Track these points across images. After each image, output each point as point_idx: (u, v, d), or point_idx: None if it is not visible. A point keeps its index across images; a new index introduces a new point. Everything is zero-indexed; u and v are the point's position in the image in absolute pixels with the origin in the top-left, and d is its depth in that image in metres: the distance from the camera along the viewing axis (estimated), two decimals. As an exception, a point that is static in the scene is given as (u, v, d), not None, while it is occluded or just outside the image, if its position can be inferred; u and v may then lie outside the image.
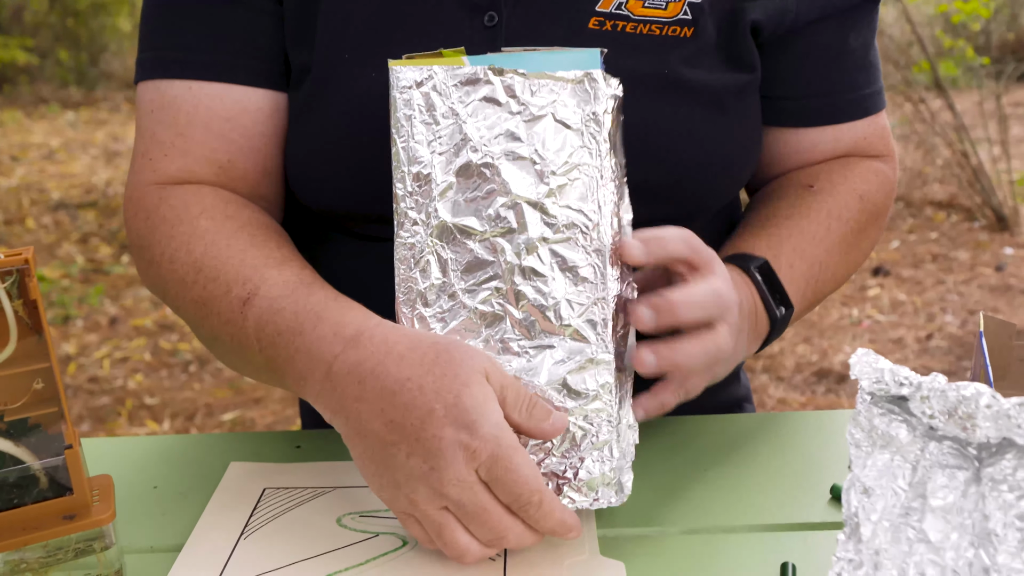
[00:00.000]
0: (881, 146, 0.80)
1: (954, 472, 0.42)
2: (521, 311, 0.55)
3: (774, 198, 0.76)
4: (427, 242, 0.56)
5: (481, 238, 0.55)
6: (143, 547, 0.58)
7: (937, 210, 3.85)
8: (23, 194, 4.39)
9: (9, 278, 0.49)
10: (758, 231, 0.72)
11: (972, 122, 4.02)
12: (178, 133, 0.70)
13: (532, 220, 0.55)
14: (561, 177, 0.55)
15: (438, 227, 0.56)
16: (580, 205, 0.55)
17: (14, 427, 0.51)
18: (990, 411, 0.41)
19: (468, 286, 0.56)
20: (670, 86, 0.68)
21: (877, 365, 0.44)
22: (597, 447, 0.54)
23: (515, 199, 0.55)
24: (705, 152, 0.70)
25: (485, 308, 0.55)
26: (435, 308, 0.56)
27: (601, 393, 0.54)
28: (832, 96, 0.76)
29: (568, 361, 0.55)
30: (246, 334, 0.60)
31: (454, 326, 0.56)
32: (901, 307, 2.99)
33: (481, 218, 0.55)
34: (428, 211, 0.56)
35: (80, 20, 6.81)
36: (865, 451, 0.44)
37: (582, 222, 0.54)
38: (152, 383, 2.65)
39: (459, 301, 0.56)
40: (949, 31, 4.34)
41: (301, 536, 0.58)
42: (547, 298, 0.55)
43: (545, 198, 0.55)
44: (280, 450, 0.69)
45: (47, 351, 0.51)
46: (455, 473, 0.50)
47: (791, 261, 0.69)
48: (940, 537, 0.42)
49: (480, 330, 0.55)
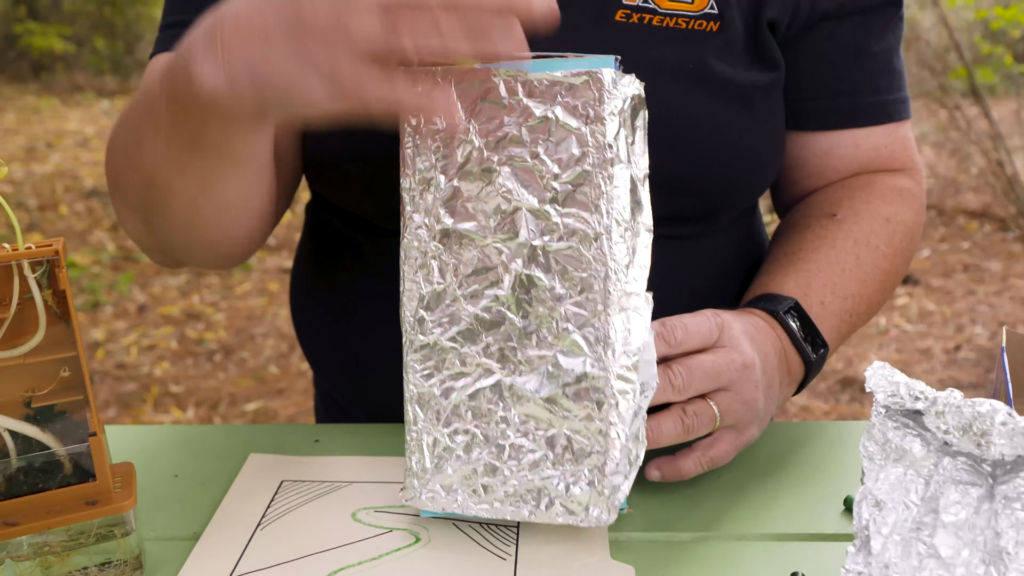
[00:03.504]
0: (904, 158, 0.78)
1: (967, 488, 0.42)
2: (521, 319, 0.54)
3: (798, 229, 0.74)
4: (429, 246, 0.55)
5: (482, 244, 0.54)
6: (163, 534, 0.59)
7: (970, 219, 3.80)
8: (57, 181, 4.46)
9: (40, 268, 0.50)
10: (786, 267, 0.70)
11: (1009, 131, 3.96)
12: None
13: (534, 227, 0.53)
14: (564, 183, 0.53)
15: (440, 232, 0.55)
16: (584, 213, 0.52)
17: (41, 413, 0.52)
18: (1005, 428, 0.41)
19: (469, 291, 0.55)
20: (697, 78, 0.68)
21: (893, 379, 0.44)
22: (592, 463, 0.53)
23: (516, 205, 0.53)
24: (730, 145, 0.69)
25: (485, 315, 0.54)
26: (437, 312, 0.55)
27: (595, 410, 0.52)
28: (852, 97, 0.75)
29: (565, 374, 0.53)
30: (149, 97, 0.59)
31: (454, 331, 0.55)
32: (930, 317, 2.95)
33: (483, 224, 0.54)
34: (431, 215, 0.55)
35: (117, 9, 6.90)
36: (878, 464, 0.44)
37: (585, 231, 0.52)
38: (178, 371, 2.69)
39: (460, 306, 0.55)
40: (988, 37, 4.27)
41: (316, 529, 0.59)
42: (547, 308, 0.53)
43: (548, 205, 0.53)
44: (299, 443, 0.70)
45: (74, 340, 0.52)
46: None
47: (822, 298, 0.68)
48: (951, 553, 0.42)
49: (481, 337, 0.55)
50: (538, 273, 0.53)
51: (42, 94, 6.30)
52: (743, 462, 0.66)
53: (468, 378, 0.55)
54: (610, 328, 0.52)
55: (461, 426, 0.56)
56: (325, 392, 0.90)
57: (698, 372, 0.56)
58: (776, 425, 0.72)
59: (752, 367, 0.58)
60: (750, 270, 0.81)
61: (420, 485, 0.57)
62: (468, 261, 0.54)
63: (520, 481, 0.54)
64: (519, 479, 0.54)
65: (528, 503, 0.54)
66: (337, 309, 0.79)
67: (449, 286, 0.55)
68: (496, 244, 0.54)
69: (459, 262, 0.55)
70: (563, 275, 0.53)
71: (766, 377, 0.60)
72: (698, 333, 0.57)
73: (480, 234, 0.54)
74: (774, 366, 0.62)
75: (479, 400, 0.55)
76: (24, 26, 6.46)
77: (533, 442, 0.54)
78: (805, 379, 0.66)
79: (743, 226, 0.81)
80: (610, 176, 0.52)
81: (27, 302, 0.51)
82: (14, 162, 4.69)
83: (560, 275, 0.53)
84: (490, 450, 0.55)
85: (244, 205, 0.65)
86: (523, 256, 0.53)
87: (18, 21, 6.56)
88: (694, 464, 0.59)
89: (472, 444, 0.55)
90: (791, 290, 0.67)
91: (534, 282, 0.53)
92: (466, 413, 0.55)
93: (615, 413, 0.52)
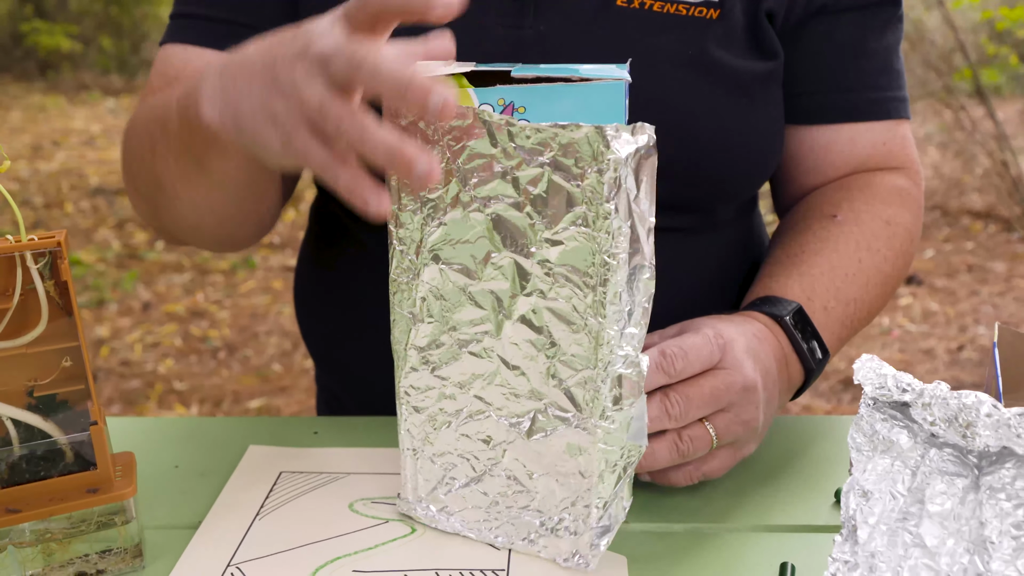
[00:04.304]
0: (903, 157, 0.78)
1: (953, 479, 0.43)
2: (511, 369, 0.51)
3: (799, 230, 0.74)
4: (418, 286, 0.53)
5: (472, 288, 0.51)
6: (163, 523, 0.60)
7: (974, 220, 3.79)
8: (63, 179, 4.48)
9: (42, 259, 0.51)
10: (789, 269, 0.69)
11: (1014, 131, 3.95)
12: (166, 81, 0.73)
13: (524, 279, 0.49)
14: (558, 241, 0.48)
15: (429, 273, 0.52)
16: (575, 277, 0.48)
17: (43, 402, 0.53)
18: (990, 420, 0.41)
19: (460, 335, 0.52)
20: (696, 66, 0.68)
21: (880, 371, 0.44)
22: (577, 514, 0.52)
23: (506, 255, 0.50)
24: (728, 134, 0.70)
25: (476, 358, 0.52)
26: (427, 348, 0.54)
27: (582, 467, 0.51)
28: (850, 93, 0.75)
29: (553, 427, 0.51)
30: (168, 95, 0.61)
31: (446, 368, 0.53)
32: (933, 317, 2.95)
33: (471, 269, 0.51)
34: (419, 253, 0.52)
35: (123, 8, 6.93)
36: (866, 455, 0.45)
37: (578, 290, 0.48)
38: (182, 368, 2.70)
39: (451, 345, 0.53)
40: (994, 38, 4.27)
41: (314, 519, 0.59)
42: (537, 361, 0.50)
43: (536, 262, 0.49)
44: (298, 435, 0.71)
45: (76, 331, 0.53)
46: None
47: (825, 303, 0.67)
48: (936, 542, 0.42)
49: (471, 378, 0.53)
50: (527, 326, 0.50)
51: (48, 93, 6.33)
52: (737, 456, 0.66)
53: (460, 414, 0.54)
54: (600, 391, 0.49)
55: (452, 459, 0.56)
56: (327, 388, 0.91)
57: (696, 400, 0.55)
58: (771, 420, 0.73)
59: (754, 388, 0.57)
60: (749, 270, 0.81)
61: (415, 501, 0.58)
62: (456, 302, 0.52)
63: (508, 515, 0.55)
64: (507, 514, 0.55)
65: (516, 536, 0.55)
66: (340, 302, 0.80)
67: (439, 324, 0.53)
68: (485, 290, 0.51)
69: (448, 302, 0.52)
70: (553, 331, 0.50)
71: (766, 393, 0.59)
72: (698, 359, 0.55)
73: (469, 280, 0.51)
74: (774, 379, 0.61)
75: (471, 436, 0.55)
76: (31, 25, 6.49)
77: (520, 483, 0.54)
78: (804, 385, 0.66)
79: (743, 224, 0.81)
80: (610, 237, 0.47)
81: (30, 293, 0.51)
82: (20, 160, 4.71)
83: (550, 330, 0.50)
84: (480, 483, 0.55)
85: (248, 212, 0.68)
86: (513, 306, 0.50)
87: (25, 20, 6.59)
88: (685, 477, 0.58)
89: (462, 475, 0.56)
90: (795, 294, 0.66)
91: (524, 333, 0.51)
92: (457, 443, 0.55)
93: (601, 474, 0.51)
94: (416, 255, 0.52)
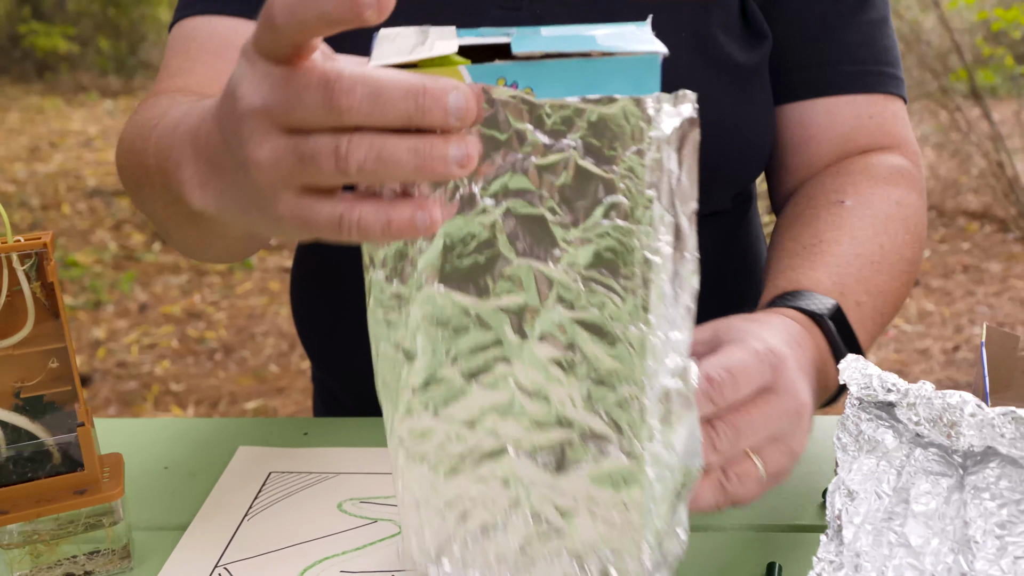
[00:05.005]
0: (896, 134, 0.73)
1: (938, 479, 0.43)
2: (533, 398, 0.42)
3: (806, 219, 0.67)
4: (407, 317, 0.43)
5: (480, 308, 0.42)
6: (151, 524, 0.60)
7: (970, 220, 3.80)
8: (60, 180, 4.48)
9: (28, 260, 0.51)
10: (811, 260, 0.62)
11: (1009, 132, 3.96)
12: (188, 58, 0.69)
13: (546, 289, 0.41)
14: (585, 241, 0.40)
15: (422, 298, 0.43)
16: (611, 278, 0.40)
17: (30, 404, 0.53)
18: (974, 420, 0.41)
19: (466, 366, 0.43)
20: (696, 49, 0.68)
21: (866, 371, 0.44)
22: (620, 554, 0.44)
23: (522, 264, 0.41)
24: (726, 117, 0.69)
25: (489, 392, 0.43)
26: (429, 390, 0.44)
27: (631, 498, 0.42)
28: (824, 67, 0.72)
29: (588, 457, 0.42)
30: (148, 154, 0.54)
31: (450, 410, 0.44)
32: (929, 317, 2.96)
33: (478, 286, 0.42)
34: (407, 276, 0.43)
35: (121, 9, 6.93)
36: (851, 455, 0.45)
37: (614, 295, 0.40)
38: (178, 370, 2.70)
39: (455, 382, 0.44)
40: (989, 39, 4.28)
41: (302, 519, 0.59)
42: (566, 386, 0.42)
43: (563, 267, 0.40)
44: (288, 436, 0.71)
45: (63, 332, 0.53)
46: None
47: (858, 297, 0.61)
48: (921, 542, 0.42)
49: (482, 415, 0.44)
50: (550, 344, 0.42)
51: (46, 94, 6.32)
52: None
53: (471, 456, 0.45)
54: (645, 409, 0.41)
55: (465, 506, 0.46)
56: (323, 385, 0.91)
57: (746, 431, 0.47)
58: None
59: (805, 411, 0.50)
60: (746, 266, 0.81)
61: (423, 560, 0.49)
62: (459, 327, 0.42)
63: (540, 564, 0.46)
64: (539, 563, 0.46)
65: None
66: (335, 296, 0.80)
67: (437, 356, 0.43)
68: (497, 313, 0.42)
69: (448, 329, 0.43)
70: (583, 346, 0.41)
71: (811, 410, 0.52)
72: (748, 383, 0.47)
73: (474, 295, 0.42)
74: (814, 393, 0.53)
75: (486, 479, 0.45)
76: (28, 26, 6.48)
77: (550, 524, 0.45)
78: (838, 393, 0.60)
79: (739, 217, 0.81)
80: (649, 230, 0.39)
81: (16, 294, 0.51)
82: (17, 162, 4.71)
83: (579, 346, 0.41)
84: (502, 531, 0.46)
85: (249, 249, 0.67)
86: (532, 323, 0.41)
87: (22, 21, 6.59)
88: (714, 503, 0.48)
89: (479, 524, 0.46)
90: (826, 288, 0.60)
91: (546, 352, 0.42)
92: (470, 489, 0.46)
93: (651, 504, 0.43)
94: (403, 279, 0.43)
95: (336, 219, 0.36)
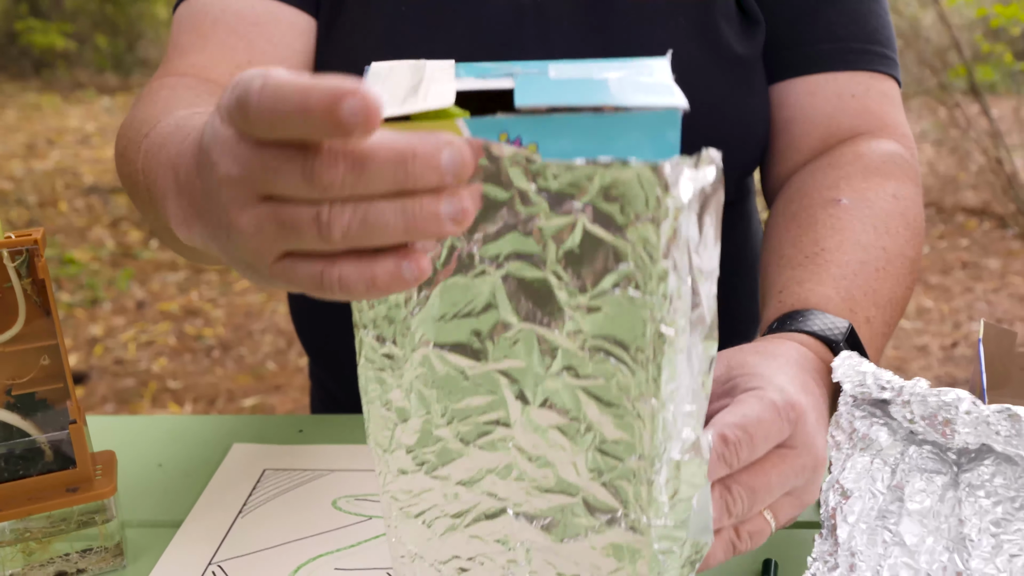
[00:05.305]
0: (883, 115, 0.71)
1: (932, 477, 0.43)
2: (534, 463, 0.40)
3: (803, 223, 0.65)
4: (400, 377, 0.41)
5: (478, 371, 0.39)
6: (145, 521, 0.60)
7: (969, 217, 3.80)
8: (57, 178, 4.47)
9: (19, 257, 0.51)
10: (818, 273, 0.60)
11: (1008, 128, 3.96)
12: (200, 35, 0.67)
13: (550, 355, 0.38)
14: (595, 307, 0.36)
15: (416, 360, 0.40)
16: (620, 349, 0.36)
17: (21, 401, 0.53)
18: (969, 417, 0.41)
19: (464, 428, 0.41)
20: (696, 36, 0.67)
21: (860, 368, 0.44)
22: None
23: (523, 328, 0.38)
24: (724, 104, 0.69)
25: (486, 453, 0.41)
26: (424, 450, 0.42)
27: (636, 572, 0.40)
28: (803, 47, 0.71)
29: (596, 531, 0.40)
30: (137, 169, 0.53)
31: (445, 470, 0.42)
32: (927, 314, 2.96)
33: (476, 348, 0.39)
34: (400, 337, 0.40)
35: (118, 7, 6.91)
36: (845, 453, 0.44)
37: (623, 366, 0.37)
38: (176, 367, 2.69)
39: (453, 444, 0.41)
40: (988, 35, 4.27)
41: (297, 517, 0.59)
42: (568, 451, 0.39)
43: (569, 331, 0.37)
44: (283, 433, 0.71)
45: (54, 329, 0.52)
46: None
47: (868, 313, 0.59)
48: (915, 540, 0.42)
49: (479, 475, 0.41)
50: (553, 411, 0.39)
51: (43, 91, 6.31)
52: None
53: (468, 515, 0.43)
54: (653, 484, 0.38)
55: (461, 563, 0.44)
56: (321, 383, 0.91)
57: (762, 493, 0.44)
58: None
59: (822, 466, 0.47)
60: (745, 266, 0.81)
61: None
62: (455, 389, 0.40)
63: None
64: None
65: None
66: None
67: (432, 417, 0.41)
68: (495, 375, 0.39)
69: (444, 391, 0.40)
70: (588, 413, 0.38)
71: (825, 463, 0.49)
72: (765, 442, 0.44)
73: (472, 358, 0.39)
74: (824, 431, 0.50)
75: (483, 537, 0.43)
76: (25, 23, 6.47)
77: None
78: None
79: (735, 220, 0.80)
80: (663, 300, 0.35)
81: (7, 291, 0.51)
82: (14, 159, 4.70)
83: (585, 413, 0.38)
84: None
85: None
86: (534, 388, 0.39)
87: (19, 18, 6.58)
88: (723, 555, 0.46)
89: None
90: (836, 306, 0.57)
91: (549, 419, 0.39)
92: (467, 546, 0.43)
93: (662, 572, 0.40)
94: (394, 341, 0.40)
95: (316, 278, 0.33)
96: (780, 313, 0.59)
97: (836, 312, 0.57)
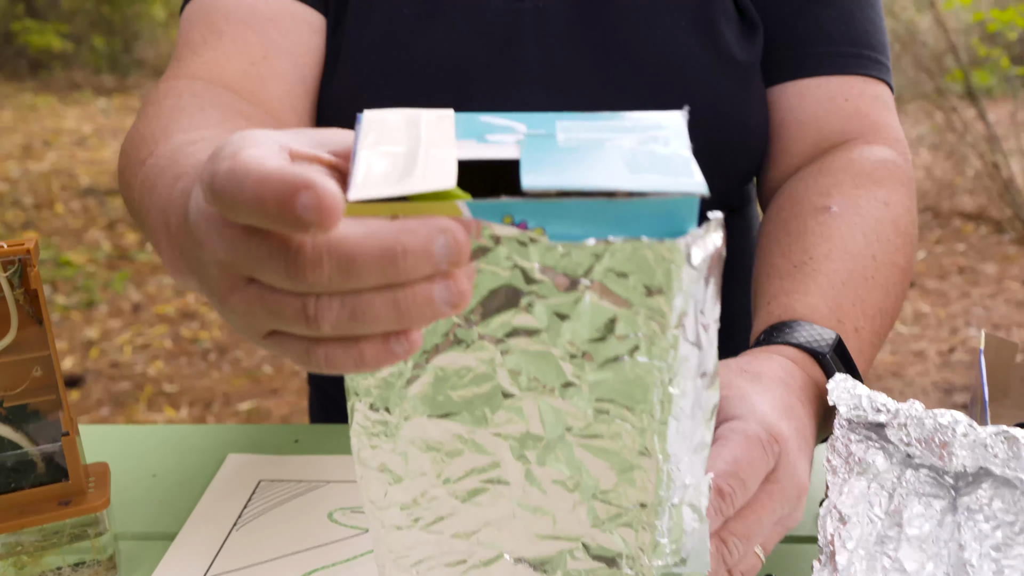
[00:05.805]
0: (876, 119, 0.70)
1: (930, 501, 0.42)
2: (534, 515, 0.40)
3: (792, 231, 0.64)
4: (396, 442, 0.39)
5: (477, 435, 0.38)
6: (139, 534, 0.59)
7: (966, 221, 3.80)
8: (53, 179, 4.46)
9: (11, 267, 0.50)
10: (805, 282, 0.59)
11: (1005, 133, 3.96)
12: (214, 31, 0.66)
13: (552, 418, 0.37)
14: (602, 377, 0.35)
15: (410, 428, 0.39)
16: (626, 411, 0.36)
17: (13, 413, 0.53)
18: (967, 440, 0.41)
19: (460, 488, 0.40)
20: (698, 36, 0.68)
21: (855, 391, 0.44)
22: None
23: (524, 396, 0.37)
24: (723, 103, 0.69)
25: (482, 505, 0.40)
26: (419, 508, 0.41)
27: None
28: (794, 49, 0.71)
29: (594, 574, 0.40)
30: (134, 197, 0.53)
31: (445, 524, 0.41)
32: (924, 319, 2.96)
33: (475, 416, 0.38)
34: (394, 407, 0.39)
35: (115, 7, 6.90)
36: (842, 477, 0.44)
37: (628, 426, 0.36)
38: (172, 370, 2.69)
39: (449, 502, 0.40)
40: (985, 40, 4.28)
41: (292, 530, 0.59)
42: (568, 502, 0.39)
43: (573, 396, 0.36)
44: (279, 443, 0.70)
45: (47, 340, 0.52)
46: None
47: (856, 323, 0.58)
48: (916, 567, 0.42)
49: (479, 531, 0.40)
50: (554, 467, 0.38)
51: (39, 92, 6.30)
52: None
53: (465, 564, 0.42)
54: (656, 529, 0.38)
55: None
56: (319, 388, 0.90)
57: (756, 537, 0.45)
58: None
59: (804, 493, 0.48)
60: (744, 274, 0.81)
61: None
62: (452, 452, 0.39)
63: None
64: None
65: None
66: None
67: (427, 478, 0.40)
68: (496, 433, 0.38)
69: (440, 453, 0.39)
70: (591, 468, 0.38)
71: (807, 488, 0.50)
72: (755, 480, 0.45)
73: (471, 425, 0.38)
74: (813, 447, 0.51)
75: None
76: (22, 24, 6.45)
77: None
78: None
79: (734, 227, 0.80)
80: (670, 366, 0.35)
81: None
82: (10, 160, 4.69)
83: (587, 468, 0.38)
84: None
85: None
86: (535, 449, 0.38)
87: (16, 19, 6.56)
88: None
89: None
90: (823, 315, 0.57)
91: (551, 475, 0.38)
92: None
93: None
94: (387, 409, 0.39)
95: (304, 356, 0.32)
96: (768, 324, 0.58)
97: (823, 323, 0.57)
